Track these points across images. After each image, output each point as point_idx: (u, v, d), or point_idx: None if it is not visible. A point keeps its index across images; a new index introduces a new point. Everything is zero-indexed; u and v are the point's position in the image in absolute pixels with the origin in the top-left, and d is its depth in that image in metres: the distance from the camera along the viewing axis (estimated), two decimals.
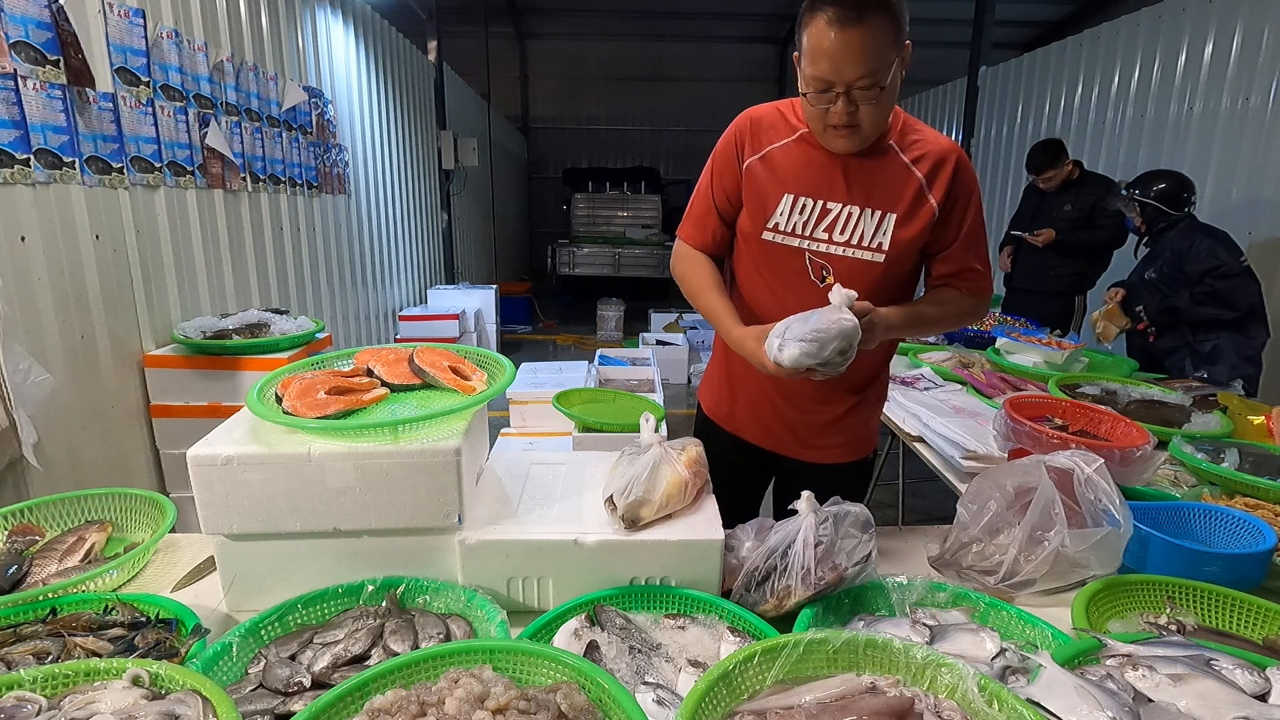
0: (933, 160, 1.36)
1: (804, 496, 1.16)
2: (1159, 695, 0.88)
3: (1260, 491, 1.55)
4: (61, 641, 1.00)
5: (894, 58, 1.23)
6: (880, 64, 1.21)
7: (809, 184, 1.40)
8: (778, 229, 1.43)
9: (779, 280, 1.46)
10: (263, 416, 1.15)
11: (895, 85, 1.26)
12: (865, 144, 1.35)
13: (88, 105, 2.42)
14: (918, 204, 1.37)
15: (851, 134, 1.30)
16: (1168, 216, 3.01)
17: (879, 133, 1.34)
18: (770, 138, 1.44)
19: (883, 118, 1.31)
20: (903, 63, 1.26)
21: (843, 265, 1.41)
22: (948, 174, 1.36)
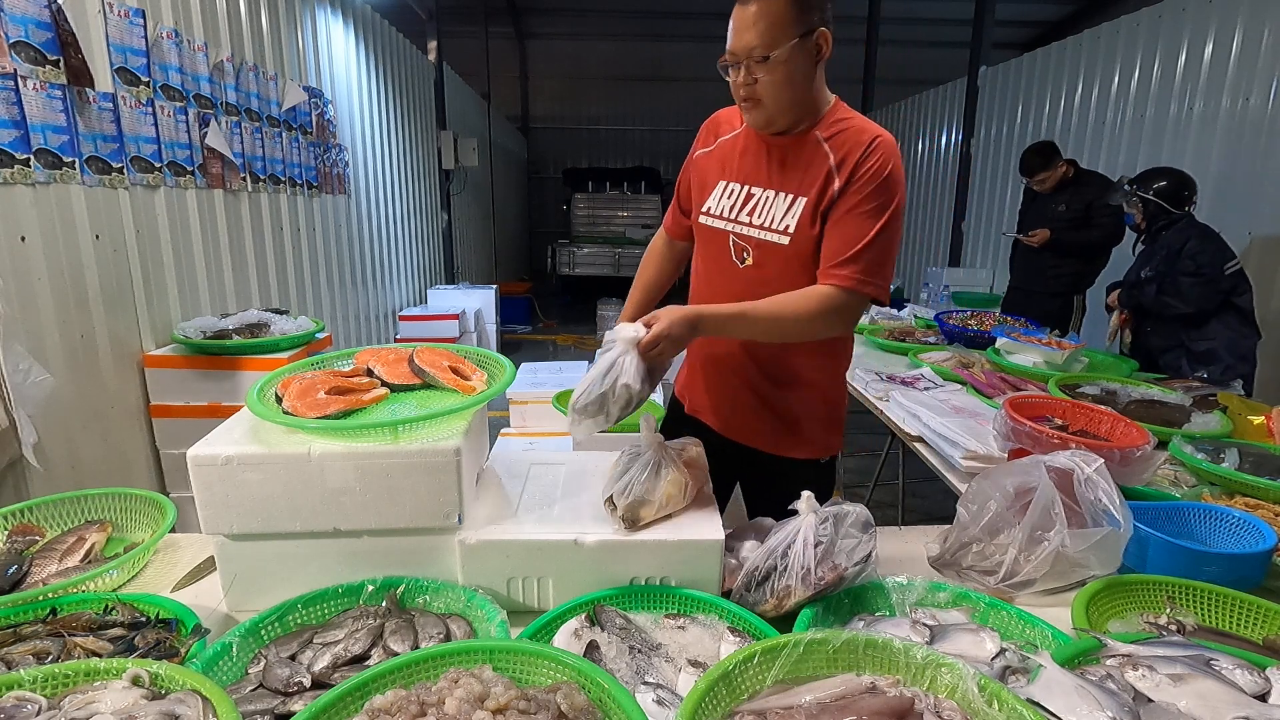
0: (849, 145, 1.38)
1: (804, 497, 1.16)
2: (1159, 695, 0.88)
3: (1260, 491, 1.55)
4: (61, 641, 1.00)
5: (793, 36, 1.31)
6: (771, 38, 1.30)
7: (741, 171, 1.49)
8: (709, 213, 1.52)
9: (711, 262, 1.55)
10: (263, 416, 1.15)
11: (800, 68, 1.34)
12: (772, 122, 1.41)
13: (88, 105, 2.42)
14: (826, 188, 1.39)
15: (754, 107, 1.39)
16: (1169, 215, 3.01)
17: (785, 111, 1.39)
18: (723, 131, 1.55)
19: (783, 95, 1.36)
20: (812, 49, 1.34)
21: (758, 247, 1.47)
22: (856, 158, 1.37)
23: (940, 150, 7.62)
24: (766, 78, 1.33)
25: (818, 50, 1.35)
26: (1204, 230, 2.98)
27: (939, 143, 7.65)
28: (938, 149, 7.67)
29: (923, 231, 7.97)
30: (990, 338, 3.02)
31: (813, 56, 1.35)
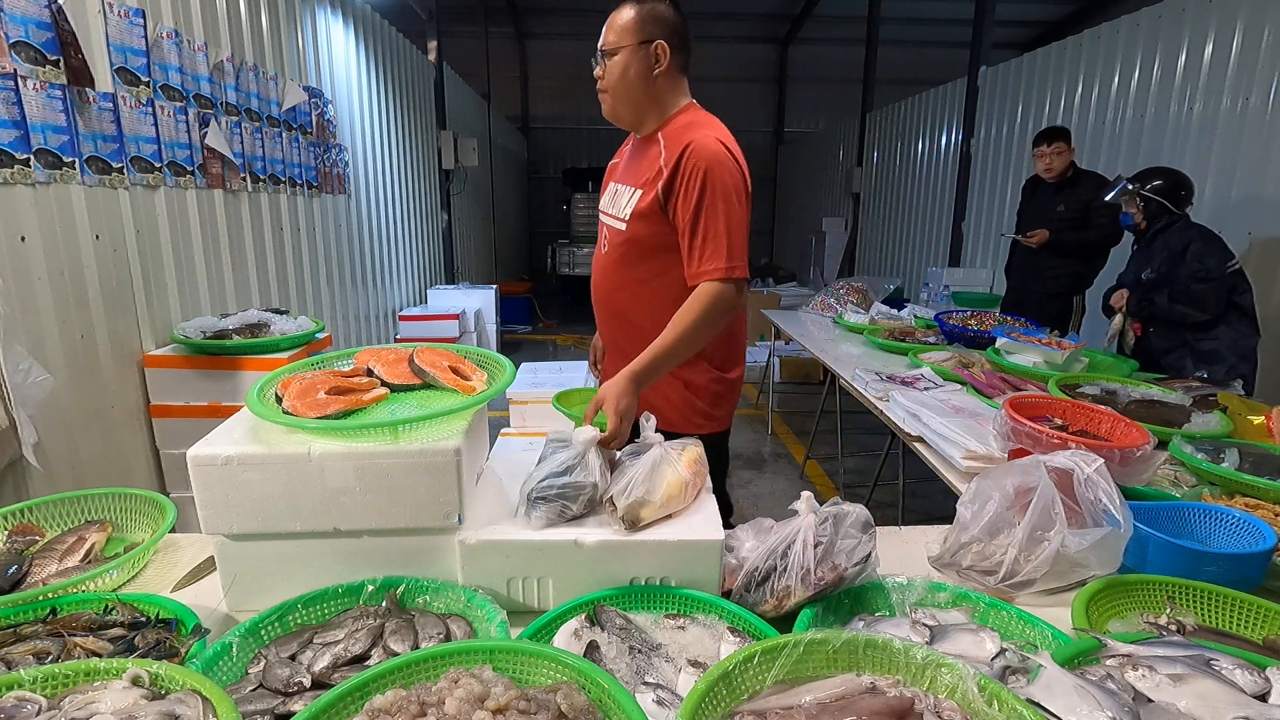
0: (679, 147, 1.57)
1: (804, 497, 1.16)
2: (1159, 695, 0.88)
3: (1260, 491, 1.54)
4: (61, 641, 1.00)
5: (632, 42, 1.59)
6: (617, 38, 1.60)
7: (617, 170, 1.80)
8: (599, 209, 1.83)
9: (596, 252, 1.82)
10: (263, 416, 1.15)
11: (636, 68, 1.60)
12: (615, 112, 1.68)
13: (88, 105, 2.42)
14: (655, 180, 1.59)
15: (603, 96, 1.66)
16: (1169, 215, 3.00)
17: (622, 103, 1.65)
18: (627, 144, 1.83)
19: (619, 87, 1.63)
20: (650, 57, 1.60)
21: (609, 235, 1.73)
22: (677, 156, 1.56)
23: (940, 150, 7.62)
24: (611, 71, 1.62)
25: (655, 59, 1.61)
26: (1204, 231, 2.96)
27: (939, 143, 7.65)
28: (938, 149, 7.67)
29: (923, 231, 7.96)
30: (990, 338, 3.01)
31: (650, 62, 1.61)
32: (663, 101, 1.67)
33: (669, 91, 1.67)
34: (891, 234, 8.79)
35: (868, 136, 9.49)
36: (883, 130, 9.08)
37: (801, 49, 13.28)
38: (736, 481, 4.42)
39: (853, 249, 9.97)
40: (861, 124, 9.55)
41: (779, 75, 13.72)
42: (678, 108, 1.68)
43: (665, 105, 1.68)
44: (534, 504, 1.17)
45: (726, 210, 1.53)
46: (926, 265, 7.52)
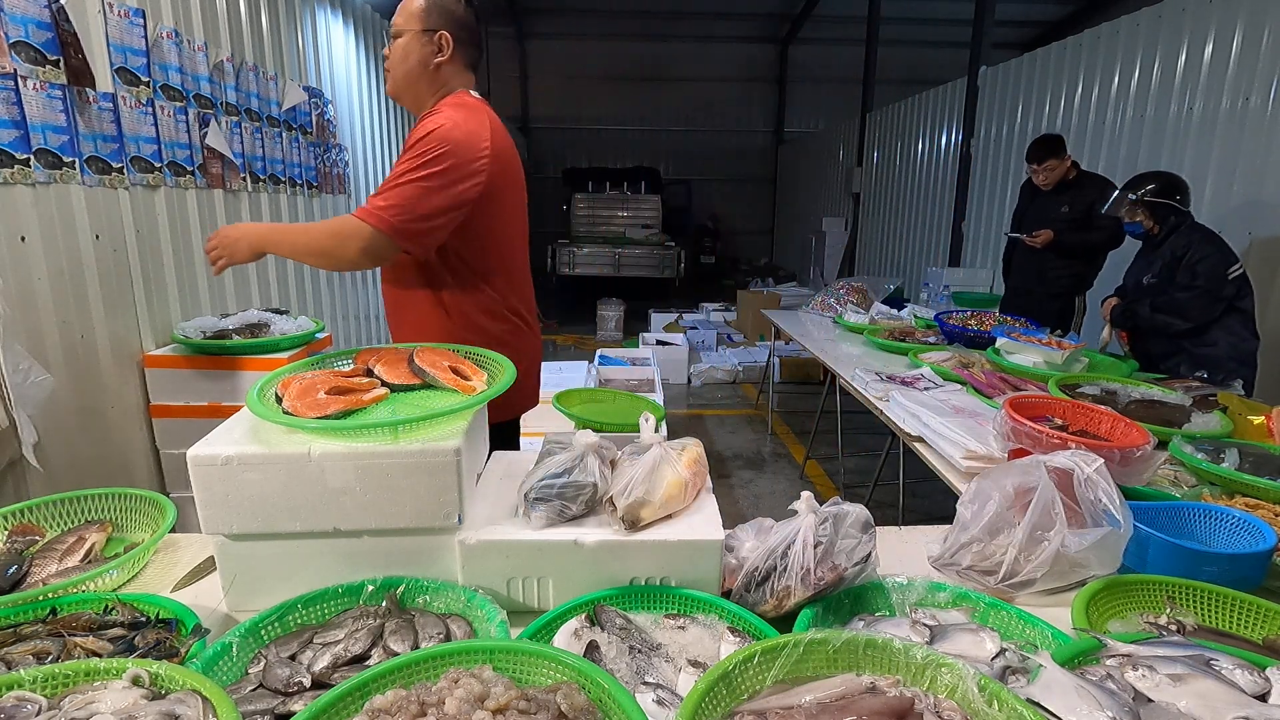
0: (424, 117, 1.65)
1: (804, 497, 1.16)
2: (1159, 695, 0.88)
3: (1260, 491, 1.55)
4: (61, 641, 1.00)
5: (414, 28, 1.68)
6: (404, 22, 1.69)
7: None
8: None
9: None
10: (263, 416, 1.15)
11: (416, 53, 1.69)
12: (396, 91, 1.76)
13: (88, 105, 2.42)
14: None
15: (387, 74, 1.76)
16: (1178, 214, 2.95)
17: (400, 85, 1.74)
18: None
19: (398, 70, 1.72)
20: (432, 45, 1.69)
21: None
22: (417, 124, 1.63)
23: (940, 150, 7.62)
24: (395, 53, 1.71)
25: (438, 48, 1.69)
26: (1207, 235, 2.93)
27: (939, 143, 7.65)
28: (938, 149, 7.67)
29: (923, 231, 7.96)
30: (990, 338, 3.01)
31: (432, 51, 1.69)
32: (441, 90, 1.73)
33: (450, 81, 1.74)
34: (891, 234, 8.79)
35: (868, 136, 9.49)
36: (883, 130, 9.08)
37: (801, 49, 13.29)
38: (736, 481, 4.42)
39: (853, 249, 9.97)
40: (861, 124, 9.55)
41: (779, 75, 13.72)
42: (451, 94, 1.73)
43: (442, 92, 1.74)
44: (533, 504, 1.17)
45: (423, 176, 1.54)
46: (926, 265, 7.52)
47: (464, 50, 1.74)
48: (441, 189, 1.56)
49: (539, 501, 1.17)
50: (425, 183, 1.54)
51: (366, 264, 1.61)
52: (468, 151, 1.59)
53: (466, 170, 1.59)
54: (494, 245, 1.75)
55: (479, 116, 1.67)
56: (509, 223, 1.79)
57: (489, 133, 1.65)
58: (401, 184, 1.54)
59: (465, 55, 1.75)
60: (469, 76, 1.78)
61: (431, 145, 1.55)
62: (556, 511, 1.17)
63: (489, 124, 1.68)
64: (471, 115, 1.65)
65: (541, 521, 1.16)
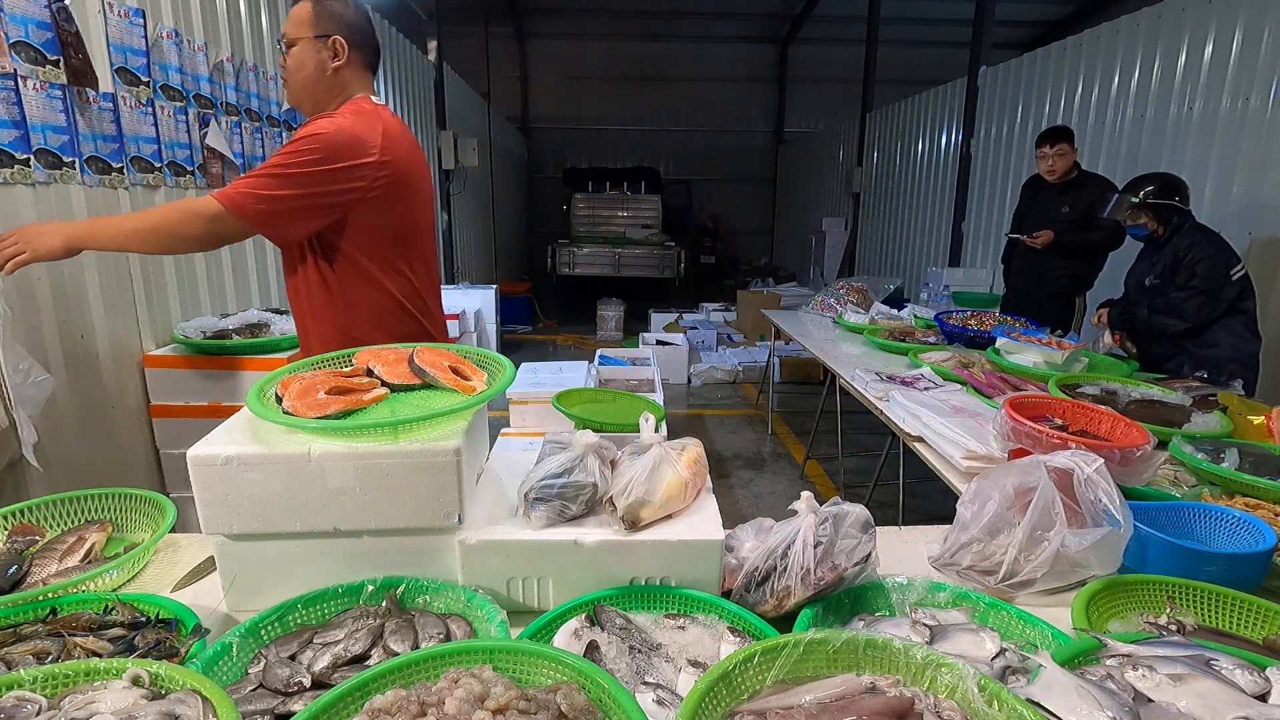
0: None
1: (804, 497, 1.16)
2: (1159, 695, 0.88)
3: (1260, 491, 1.55)
4: (61, 641, 1.00)
5: (306, 35, 1.68)
6: (295, 30, 1.69)
7: None
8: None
9: None
10: (263, 416, 1.15)
11: (312, 61, 1.69)
12: (295, 101, 1.77)
13: (88, 105, 2.42)
14: None
15: (286, 85, 1.76)
16: (1181, 214, 2.94)
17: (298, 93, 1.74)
18: None
19: (296, 78, 1.72)
20: (327, 51, 1.69)
21: None
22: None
23: (940, 150, 7.62)
24: (291, 63, 1.71)
25: (334, 53, 1.69)
26: (1209, 235, 2.91)
27: (939, 143, 7.65)
28: (938, 149, 7.67)
29: (923, 231, 7.96)
30: (990, 338, 3.01)
31: (327, 56, 1.69)
32: (341, 95, 1.74)
33: (349, 85, 1.74)
34: (891, 234, 8.79)
35: (868, 136, 9.49)
36: (883, 130, 9.08)
37: (801, 49, 13.29)
38: (736, 481, 4.42)
39: (853, 249, 9.98)
40: (861, 124, 9.55)
41: (779, 75, 13.73)
42: (350, 99, 1.74)
43: (343, 98, 1.74)
44: (533, 504, 1.17)
45: (286, 166, 1.55)
46: (926, 265, 7.52)
47: (360, 53, 1.74)
48: (301, 182, 1.57)
49: (539, 501, 1.17)
50: (285, 171, 1.56)
51: (210, 241, 1.62)
52: (346, 155, 1.59)
53: (340, 173, 1.59)
54: (390, 247, 1.75)
55: (369, 122, 1.66)
56: (408, 225, 1.79)
57: (379, 138, 1.64)
58: (260, 172, 1.57)
59: (362, 57, 1.75)
60: (368, 78, 1.79)
61: (303, 145, 1.57)
62: (556, 511, 1.17)
63: (381, 129, 1.66)
64: (361, 121, 1.65)
65: (541, 521, 1.16)
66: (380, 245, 1.73)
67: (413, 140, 1.82)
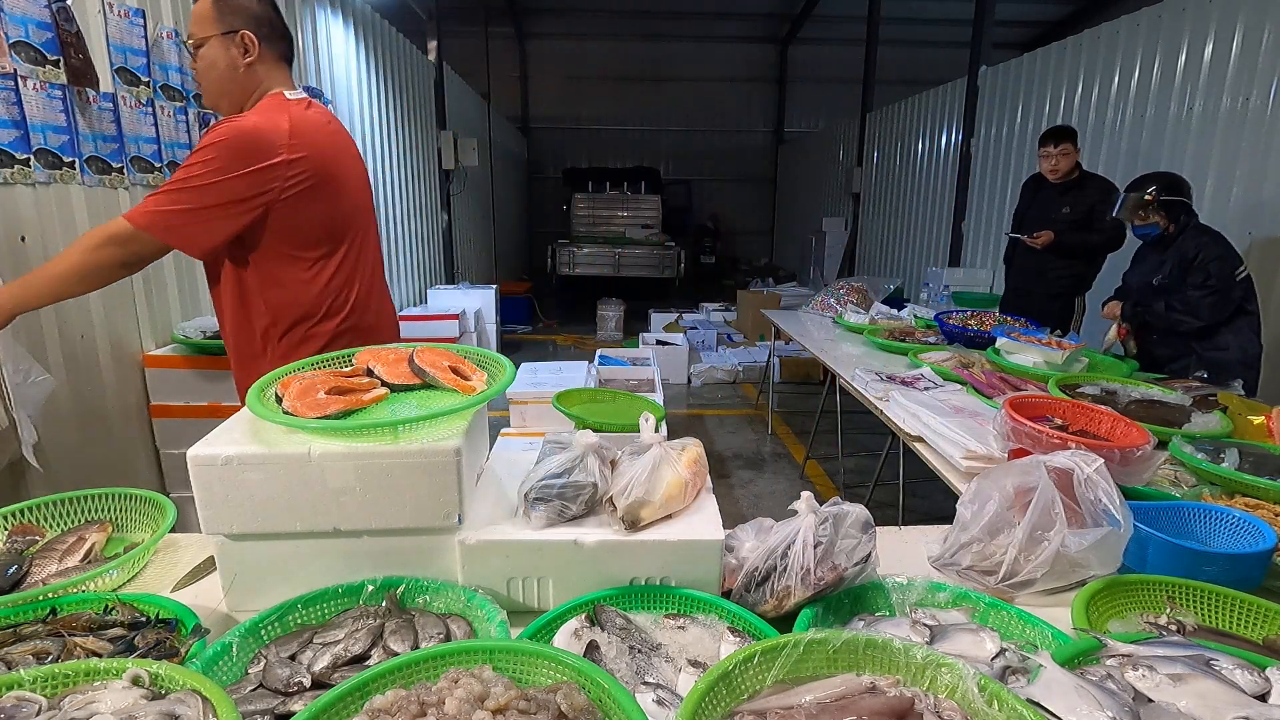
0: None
1: (803, 497, 1.16)
2: (1159, 695, 0.88)
3: (1260, 491, 1.55)
4: (61, 641, 0.99)
5: (212, 33, 1.62)
6: (200, 30, 1.63)
7: None
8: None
9: None
10: (263, 416, 1.15)
11: (222, 59, 1.64)
12: (212, 102, 1.73)
13: (88, 105, 2.42)
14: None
15: (199, 87, 1.74)
16: (1188, 211, 2.93)
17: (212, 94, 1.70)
18: None
19: (211, 80, 1.67)
20: (237, 47, 1.63)
21: None
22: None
23: (940, 150, 7.62)
24: (201, 64, 1.66)
25: (243, 49, 1.64)
26: (1215, 235, 2.91)
27: (939, 143, 7.65)
28: (938, 149, 7.67)
29: (923, 231, 7.97)
30: (990, 338, 3.01)
31: (237, 52, 1.64)
32: (256, 91, 1.69)
33: (264, 80, 1.69)
34: (891, 234, 8.80)
35: (868, 136, 9.49)
36: (883, 130, 9.08)
37: (801, 49, 13.30)
38: (736, 481, 4.42)
39: (853, 249, 9.98)
40: (861, 124, 9.55)
41: (779, 75, 13.73)
42: (266, 95, 1.68)
43: (259, 95, 1.69)
44: (533, 504, 1.17)
45: (192, 181, 1.51)
46: (926, 265, 7.53)
47: (270, 45, 1.68)
48: (204, 193, 1.53)
49: (539, 501, 1.17)
50: (187, 185, 1.52)
51: (132, 262, 1.58)
52: (250, 159, 1.54)
53: (245, 179, 1.54)
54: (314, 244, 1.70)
55: (275, 119, 1.60)
56: (333, 220, 1.73)
57: (286, 136, 1.59)
58: (166, 187, 1.53)
59: (273, 50, 1.69)
60: (283, 70, 1.73)
61: (204, 155, 1.52)
62: (556, 511, 1.17)
63: (288, 126, 1.60)
64: (266, 119, 1.59)
65: (541, 521, 1.16)
66: (303, 244, 1.68)
67: (336, 130, 1.78)
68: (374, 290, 1.90)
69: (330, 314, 1.76)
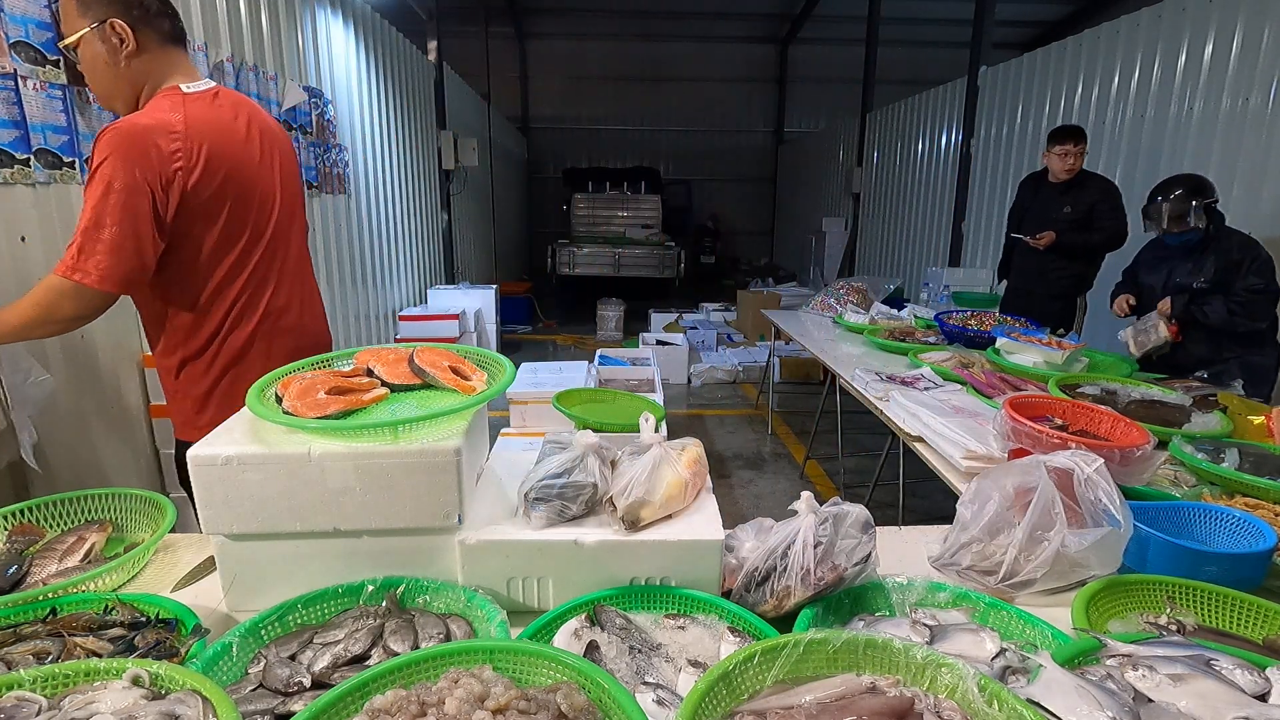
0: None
1: (804, 497, 1.16)
2: (1159, 695, 0.88)
3: (1260, 491, 1.55)
4: (61, 641, 0.99)
5: (79, 29, 1.46)
6: (69, 27, 1.47)
7: None
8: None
9: None
10: (263, 416, 1.15)
11: (100, 54, 1.48)
12: (104, 104, 1.61)
13: (88, 105, 2.42)
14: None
15: (90, 89, 1.58)
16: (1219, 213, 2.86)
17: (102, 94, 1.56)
18: None
19: (96, 79, 1.53)
20: (112, 38, 1.47)
21: None
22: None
23: (940, 150, 7.62)
24: (84, 65, 1.51)
25: (119, 38, 1.48)
26: (1247, 236, 2.84)
27: (939, 143, 7.65)
28: (938, 149, 7.67)
29: (923, 231, 7.97)
30: (990, 338, 3.01)
31: (113, 44, 1.48)
32: (149, 82, 1.54)
33: (151, 69, 1.53)
34: (891, 234, 8.80)
35: (868, 136, 9.49)
36: (883, 130, 9.08)
37: (801, 49, 13.30)
38: (736, 481, 4.42)
39: (853, 249, 9.98)
40: (861, 124, 9.55)
41: (779, 75, 13.73)
42: (160, 89, 1.54)
43: (152, 86, 1.54)
44: (533, 504, 1.17)
45: (99, 208, 1.39)
46: (926, 265, 7.52)
47: (150, 29, 1.50)
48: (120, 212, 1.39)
49: (539, 501, 1.17)
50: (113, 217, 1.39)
51: (87, 318, 1.47)
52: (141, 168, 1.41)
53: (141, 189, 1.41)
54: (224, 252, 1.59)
55: (166, 117, 1.47)
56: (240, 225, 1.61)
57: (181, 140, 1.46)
58: (83, 224, 1.40)
59: (156, 33, 1.51)
60: (176, 55, 1.56)
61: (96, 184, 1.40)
62: (556, 511, 1.17)
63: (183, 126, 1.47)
64: (154, 120, 1.45)
65: (541, 521, 1.16)
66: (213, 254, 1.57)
67: (247, 123, 1.63)
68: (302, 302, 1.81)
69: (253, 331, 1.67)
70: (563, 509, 1.17)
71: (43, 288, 1.42)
